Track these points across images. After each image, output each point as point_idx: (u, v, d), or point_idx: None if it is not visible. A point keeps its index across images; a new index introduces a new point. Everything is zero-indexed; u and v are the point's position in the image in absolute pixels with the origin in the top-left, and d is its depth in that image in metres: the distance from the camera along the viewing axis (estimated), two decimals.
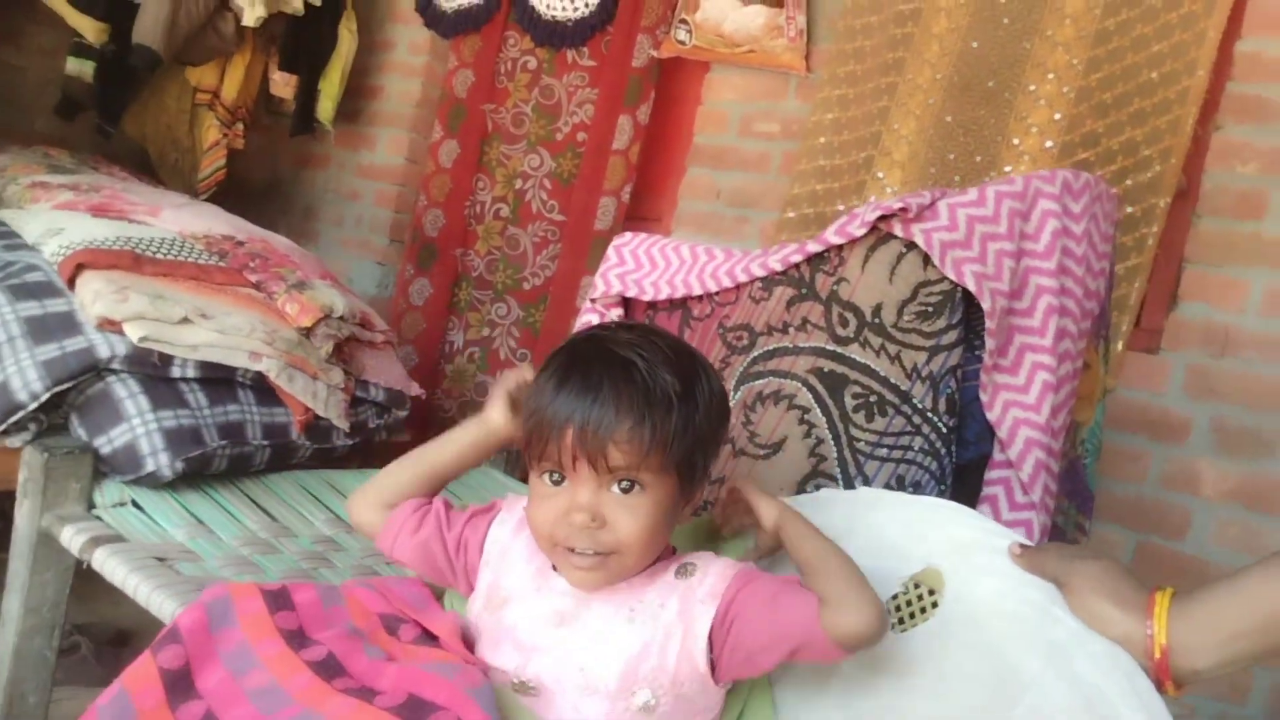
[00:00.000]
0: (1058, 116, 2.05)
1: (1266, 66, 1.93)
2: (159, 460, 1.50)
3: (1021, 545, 0.91)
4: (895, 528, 0.98)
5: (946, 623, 0.89)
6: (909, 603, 0.93)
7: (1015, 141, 2.10)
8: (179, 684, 0.80)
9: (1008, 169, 2.09)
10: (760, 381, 1.32)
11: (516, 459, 2.00)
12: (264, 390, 1.70)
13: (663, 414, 0.86)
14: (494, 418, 1.03)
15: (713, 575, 0.91)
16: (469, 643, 0.94)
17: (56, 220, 1.78)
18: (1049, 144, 2.05)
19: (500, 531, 1.00)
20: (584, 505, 0.86)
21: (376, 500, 1.07)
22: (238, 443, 1.62)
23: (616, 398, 0.86)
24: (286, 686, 0.79)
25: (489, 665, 0.92)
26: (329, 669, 0.82)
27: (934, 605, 0.90)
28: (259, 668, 0.81)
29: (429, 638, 0.91)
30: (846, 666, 0.92)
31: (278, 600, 0.89)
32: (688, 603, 0.89)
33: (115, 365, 1.53)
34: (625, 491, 0.87)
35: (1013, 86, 2.12)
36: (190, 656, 0.81)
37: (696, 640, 0.88)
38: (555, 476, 0.89)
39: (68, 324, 1.54)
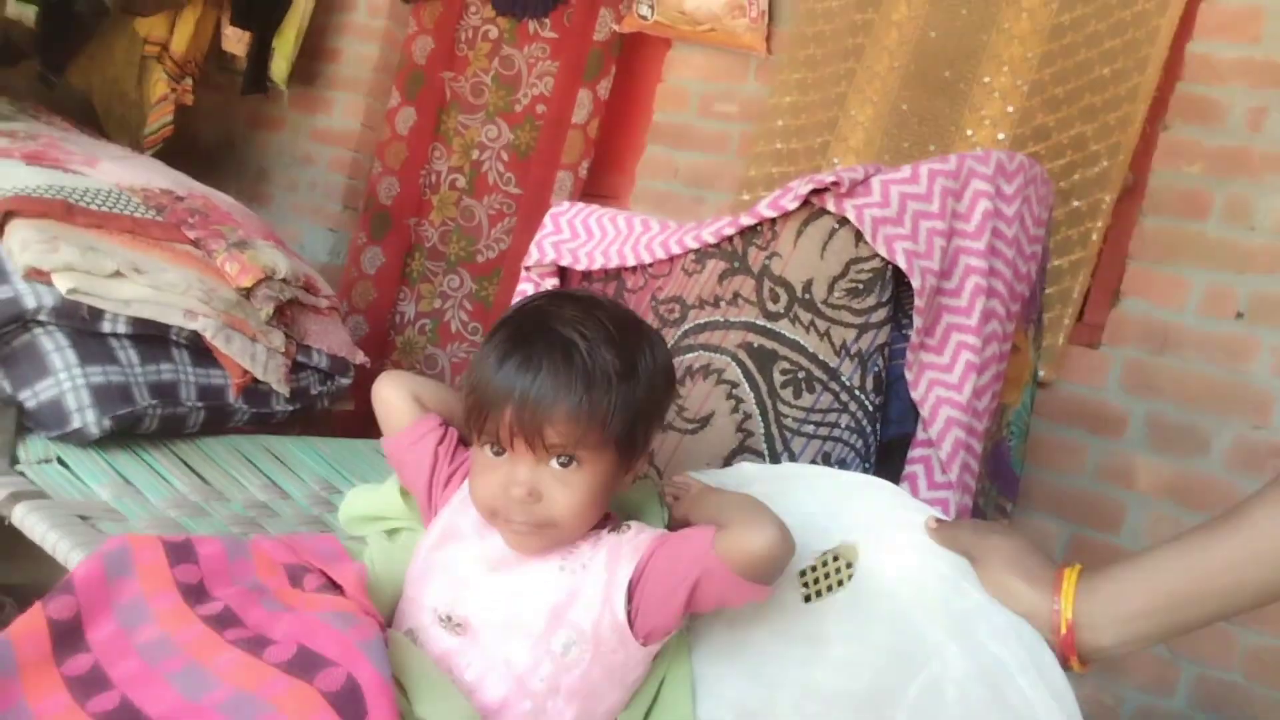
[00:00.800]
0: (1010, 109, 2.07)
1: (1216, 68, 1.96)
2: (86, 417, 1.46)
3: (937, 520, 0.92)
4: (814, 501, 0.99)
5: (859, 594, 0.89)
6: (826, 575, 0.93)
7: (969, 132, 2.11)
8: (67, 636, 0.78)
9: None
10: (690, 355, 1.31)
11: None
12: (200, 351, 1.66)
13: (601, 394, 0.88)
14: None
15: (644, 534, 0.93)
16: (375, 596, 0.94)
17: None
18: (1001, 136, 2.07)
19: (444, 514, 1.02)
20: (521, 481, 0.88)
21: (409, 389, 1.10)
22: (170, 403, 1.58)
23: (555, 378, 0.87)
24: (176, 639, 0.78)
25: (420, 598, 0.94)
26: (223, 621, 0.81)
27: (849, 577, 0.91)
28: (151, 621, 0.80)
29: (333, 587, 0.89)
30: (759, 635, 0.93)
31: (179, 552, 0.87)
32: (614, 554, 0.91)
33: (43, 317, 1.48)
34: (563, 466, 0.89)
35: (968, 77, 2.13)
36: (82, 608, 0.79)
37: (617, 589, 0.89)
38: (496, 449, 0.91)
39: None
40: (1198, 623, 0.79)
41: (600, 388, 0.87)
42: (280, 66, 2.91)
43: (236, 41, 2.85)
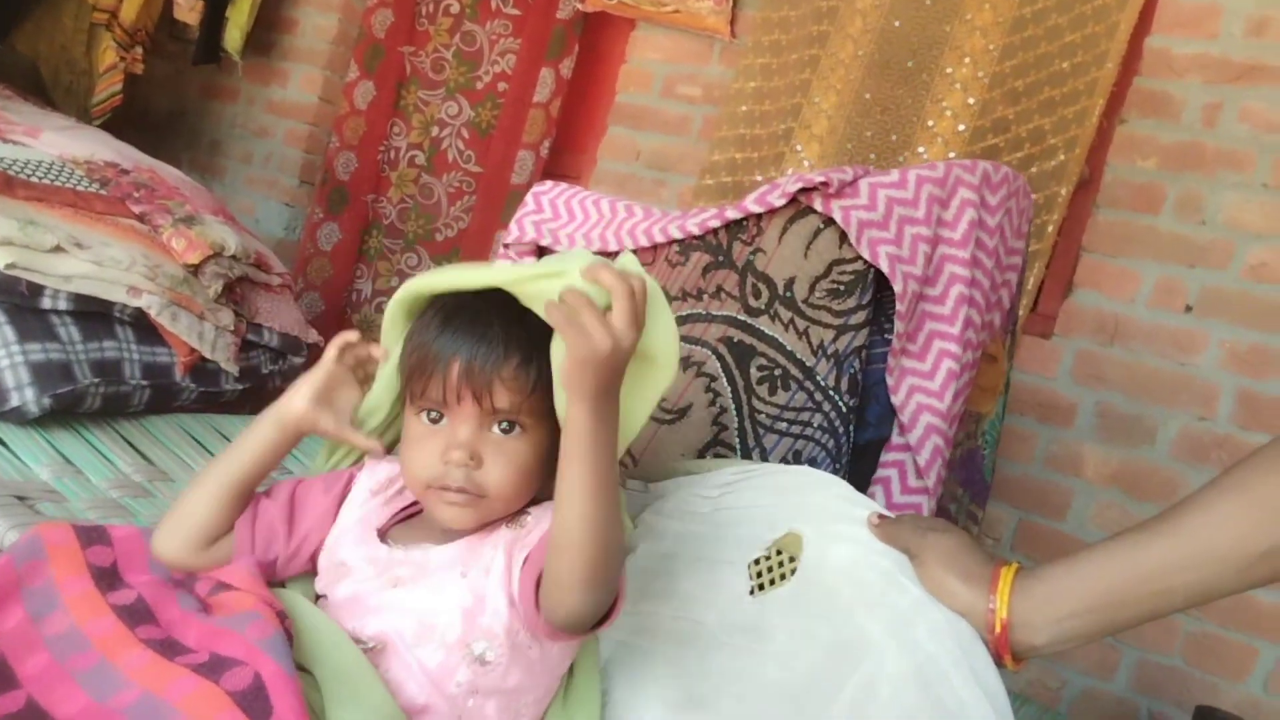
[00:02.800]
0: (971, 101, 2.08)
1: (1173, 63, 1.98)
2: (24, 395, 1.42)
3: (880, 515, 0.92)
4: (765, 495, 0.99)
5: (800, 588, 0.90)
6: (770, 569, 0.93)
7: (930, 123, 2.12)
8: None
9: (921, 150, 2.11)
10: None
11: None
12: (145, 328, 1.62)
13: (547, 356, 0.84)
14: (295, 407, 0.94)
15: (540, 526, 0.89)
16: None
17: None
18: (961, 127, 2.08)
19: (356, 496, 0.97)
20: (463, 442, 0.85)
21: (193, 543, 0.93)
22: (113, 381, 1.54)
23: (505, 335, 0.85)
24: (87, 631, 0.76)
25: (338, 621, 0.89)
26: (135, 615, 0.78)
27: (792, 571, 0.91)
28: (61, 610, 0.77)
29: (224, 586, 0.87)
30: (709, 621, 0.93)
31: (92, 535, 0.85)
32: (513, 551, 0.88)
33: None
34: (505, 432, 0.87)
35: (930, 68, 2.14)
36: None
37: (523, 590, 0.86)
38: (434, 414, 0.88)
39: None
40: (1132, 622, 0.80)
41: (544, 349, 0.84)
42: (234, 36, 2.85)
43: (189, 10, 2.78)
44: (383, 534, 0.94)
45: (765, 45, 2.33)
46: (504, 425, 0.87)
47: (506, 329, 0.85)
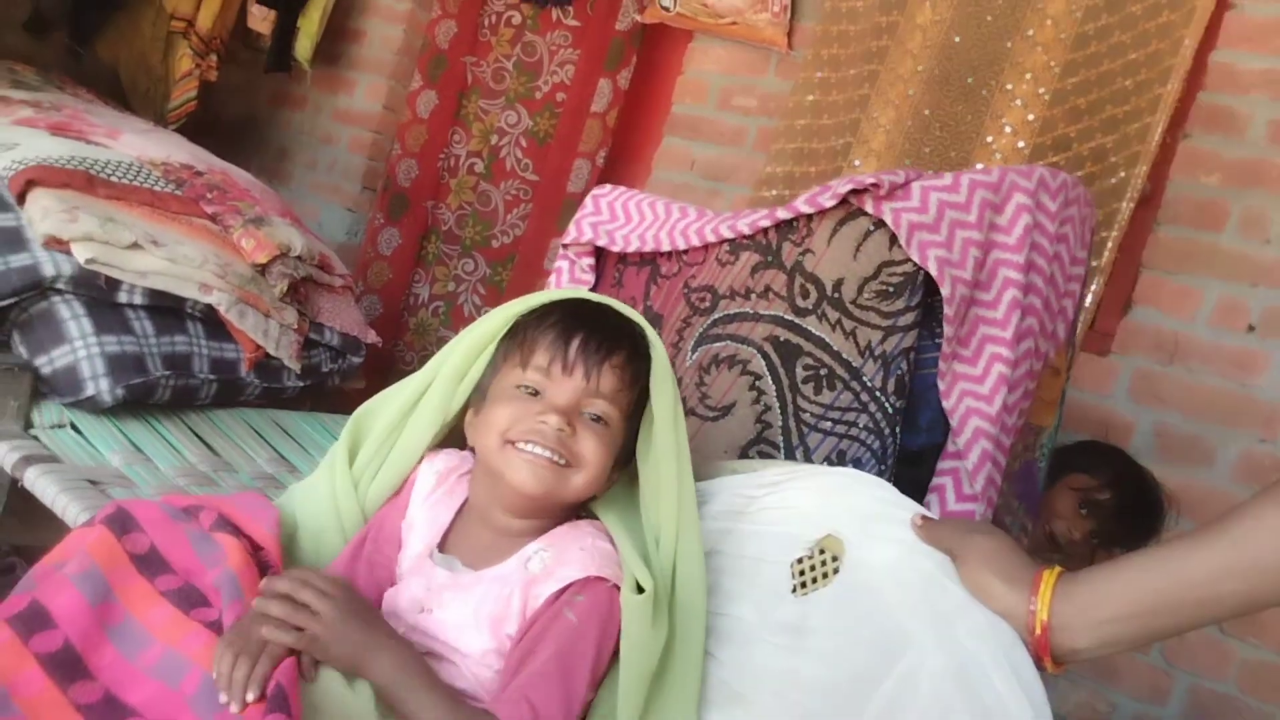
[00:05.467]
0: (1031, 118, 2.07)
1: (1238, 79, 1.95)
2: (99, 385, 1.49)
3: (923, 517, 0.93)
4: (805, 495, 1.00)
5: (843, 588, 0.91)
6: (812, 567, 0.94)
7: (989, 140, 2.11)
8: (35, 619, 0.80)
9: (980, 166, 2.10)
10: (718, 344, 1.32)
11: None
12: (214, 324, 1.68)
13: (643, 361, 0.98)
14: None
15: (553, 580, 0.92)
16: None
17: (13, 135, 1.74)
18: (1021, 144, 2.06)
19: (422, 488, 1.03)
20: (563, 407, 0.93)
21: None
22: (183, 374, 1.60)
23: (618, 331, 0.98)
24: (145, 622, 0.81)
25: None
26: (189, 600, 0.84)
27: (835, 571, 0.92)
28: (116, 601, 0.82)
29: (229, 525, 0.91)
30: (750, 620, 0.94)
31: (125, 524, 0.89)
32: (526, 596, 0.92)
33: (60, 285, 1.51)
34: (595, 421, 0.95)
35: (991, 84, 2.13)
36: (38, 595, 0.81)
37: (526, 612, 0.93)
38: (530, 389, 0.95)
39: (14, 240, 1.52)
40: (1173, 630, 0.79)
41: (643, 361, 0.98)
42: (304, 46, 2.93)
43: (262, 20, 2.87)
44: (441, 544, 0.99)
45: (824, 59, 2.34)
46: (594, 415, 0.95)
47: (619, 329, 0.98)
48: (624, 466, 1.02)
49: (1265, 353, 1.88)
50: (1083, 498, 1.79)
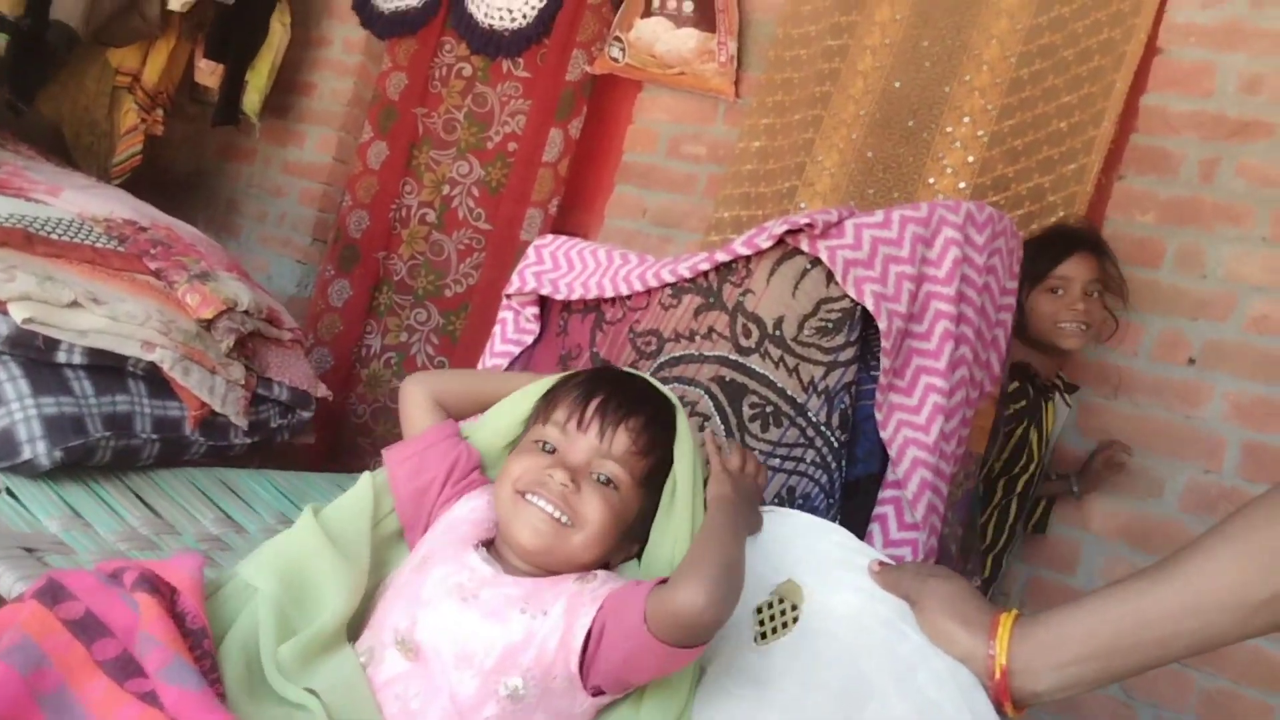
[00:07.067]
0: (971, 159, 2.12)
1: (1169, 120, 2.02)
2: (36, 448, 1.44)
3: (880, 563, 0.93)
4: (767, 538, 1.00)
5: (805, 635, 0.90)
6: (772, 616, 0.94)
7: (931, 181, 2.16)
8: None
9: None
10: (666, 387, 1.33)
11: None
12: (157, 382, 1.65)
13: (663, 436, 0.99)
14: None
15: (607, 585, 0.93)
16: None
17: None
18: (962, 185, 2.11)
19: (466, 507, 1.04)
20: (571, 465, 0.95)
21: (431, 391, 1.12)
22: (124, 435, 1.56)
23: (637, 397, 1.00)
24: (80, 696, 0.78)
25: (386, 618, 0.94)
26: (125, 669, 0.81)
27: (794, 620, 0.91)
28: (50, 667, 0.79)
29: (150, 585, 0.89)
30: (714, 672, 0.93)
31: (56, 594, 0.86)
32: (574, 605, 0.91)
33: None
34: (604, 484, 0.96)
35: (930, 127, 2.18)
36: None
37: (575, 638, 0.89)
38: (549, 446, 0.97)
39: None
40: (1134, 670, 0.79)
41: (663, 426, 1.00)
42: (253, 99, 2.93)
43: (209, 74, 2.86)
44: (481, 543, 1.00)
45: (769, 105, 2.39)
46: (604, 477, 0.96)
47: (639, 394, 1.01)
48: (640, 541, 1.02)
49: (1207, 384, 1.92)
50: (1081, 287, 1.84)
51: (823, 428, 1.23)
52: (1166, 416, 1.95)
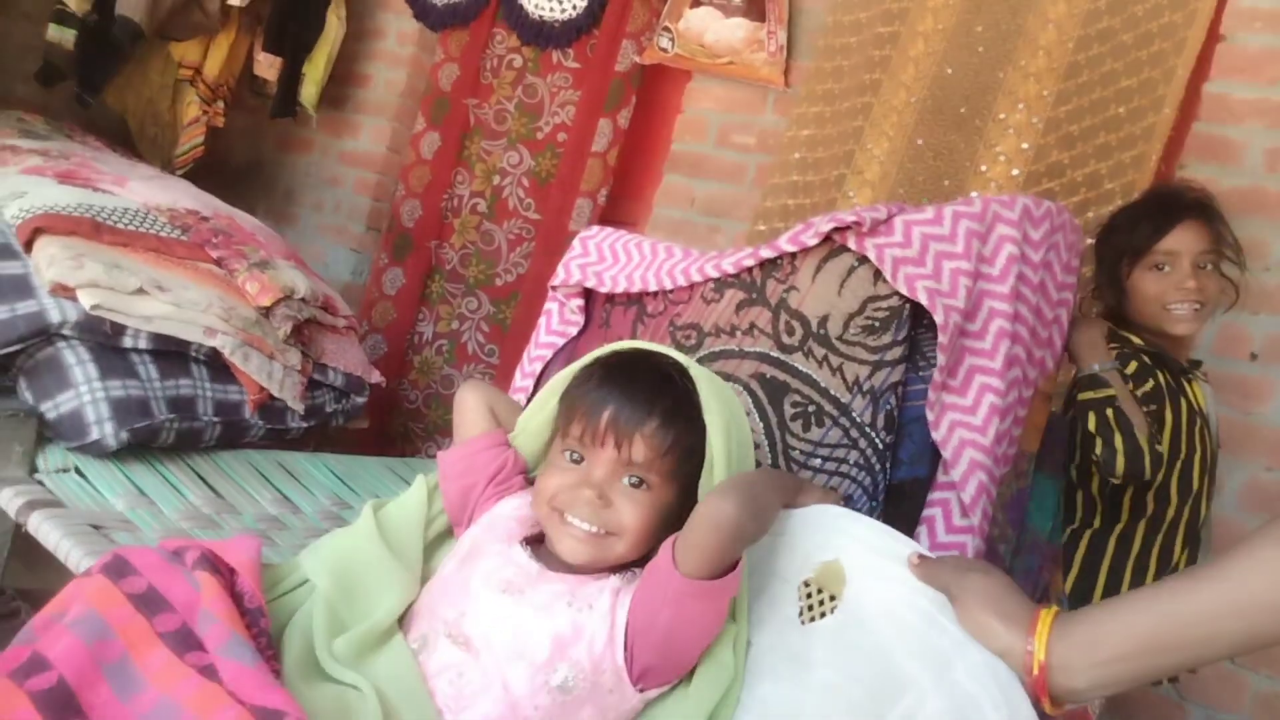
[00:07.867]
0: (1025, 146, 2.08)
1: (1233, 109, 1.97)
2: (104, 429, 1.50)
3: (920, 555, 0.93)
4: (804, 531, 1.00)
5: (843, 623, 0.90)
6: (813, 594, 0.95)
7: (983, 168, 2.13)
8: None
9: (974, 195, 2.11)
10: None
11: None
12: (218, 367, 1.70)
13: (685, 424, 0.97)
14: None
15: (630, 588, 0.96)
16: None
17: (20, 184, 1.77)
18: (1015, 172, 2.08)
19: (509, 505, 1.07)
20: (596, 482, 0.96)
21: (486, 401, 1.15)
22: (187, 417, 1.62)
23: (651, 397, 0.97)
24: (140, 664, 0.81)
25: (436, 608, 0.97)
26: (184, 642, 0.84)
27: (833, 610, 0.92)
28: (113, 638, 0.83)
29: (211, 564, 0.92)
30: (762, 644, 0.94)
31: (121, 569, 0.90)
32: (618, 598, 0.94)
33: (66, 331, 1.52)
34: (634, 486, 0.97)
35: (983, 114, 2.15)
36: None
37: (618, 630, 0.92)
38: (575, 456, 0.98)
39: (20, 287, 1.54)
40: (1172, 669, 0.79)
41: (685, 419, 0.97)
42: (310, 91, 2.98)
43: (268, 67, 2.92)
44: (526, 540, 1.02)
45: (819, 94, 2.37)
46: (634, 479, 0.96)
47: (653, 391, 0.98)
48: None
49: (1269, 380, 1.87)
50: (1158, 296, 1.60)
51: (867, 428, 1.22)
52: (1227, 413, 1.90)
